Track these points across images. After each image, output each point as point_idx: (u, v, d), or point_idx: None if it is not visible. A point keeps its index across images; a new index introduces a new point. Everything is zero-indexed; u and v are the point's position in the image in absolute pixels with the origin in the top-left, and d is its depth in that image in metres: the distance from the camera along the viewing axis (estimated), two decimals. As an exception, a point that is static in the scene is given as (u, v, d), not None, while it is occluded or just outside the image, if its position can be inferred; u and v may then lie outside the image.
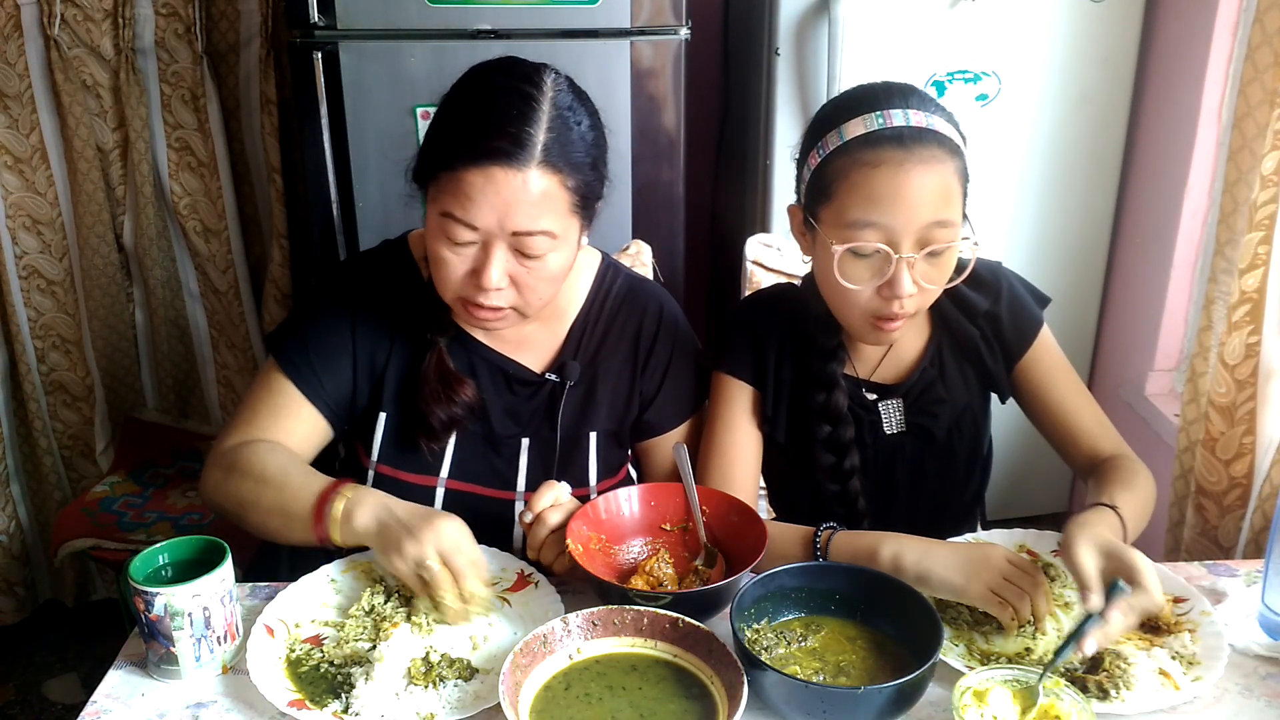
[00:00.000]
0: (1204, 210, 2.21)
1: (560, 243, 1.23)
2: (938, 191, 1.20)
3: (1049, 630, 1.16)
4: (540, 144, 1.18)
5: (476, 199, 1.18)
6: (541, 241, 1.21)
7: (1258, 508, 1.71)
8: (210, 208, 2.42)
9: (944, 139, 1.22)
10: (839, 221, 1.23)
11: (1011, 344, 1.40)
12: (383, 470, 1.38)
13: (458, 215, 1.19)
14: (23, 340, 2.35)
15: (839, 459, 1.36)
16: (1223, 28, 2.12)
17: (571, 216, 1.24)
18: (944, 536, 1.23)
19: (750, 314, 1.44)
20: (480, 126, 1.19)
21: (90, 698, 1.09)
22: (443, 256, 1.23)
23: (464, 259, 1.23)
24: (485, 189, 1.17)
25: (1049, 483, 2.73)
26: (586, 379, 1.40)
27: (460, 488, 1.38)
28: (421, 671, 1.09)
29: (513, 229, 1.19)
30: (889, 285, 1.22)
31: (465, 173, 1.18)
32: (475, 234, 1.20)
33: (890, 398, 1.40)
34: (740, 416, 1.39)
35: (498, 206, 1.18)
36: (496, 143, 1.17)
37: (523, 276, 1.24)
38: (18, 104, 2.22)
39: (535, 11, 2.00)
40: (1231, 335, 1.71)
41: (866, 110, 1.23)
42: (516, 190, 1.18)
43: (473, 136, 1.19)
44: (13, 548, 2.44)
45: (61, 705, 2.34)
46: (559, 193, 1.21)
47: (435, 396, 1.32)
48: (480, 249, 1.22)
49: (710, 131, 2.76)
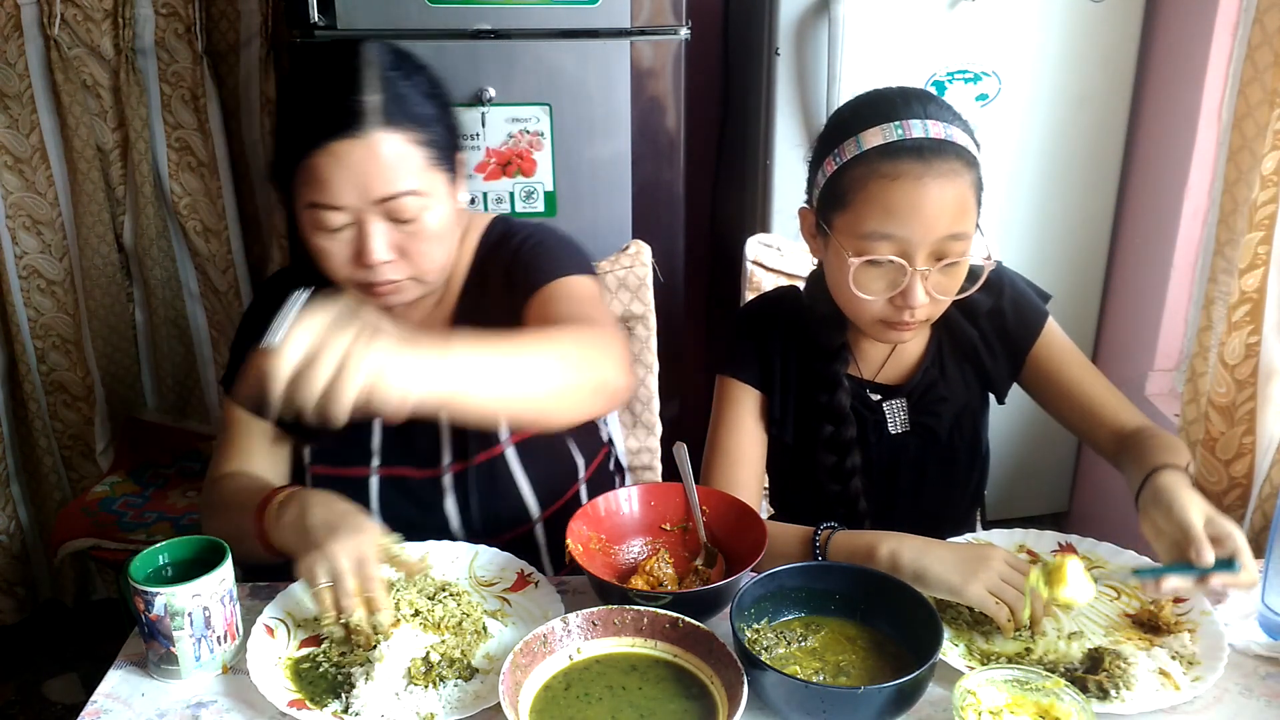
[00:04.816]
0: (1204, 210, 2.21)
1: (430, 199, 1.23)
2: (954, 205, 1.20)
3: (1048, 631, 1.17)
4: (375, 106, 1.18)
5: (331, 179, 1.18)
6: (411, 202, 1.21)
7: (1258, 508, 1.71)
8: (210, 208, 2.42)
9: (962, 150, 1.22)
10: (855, 231, 1.23)
11: (1018, 338, 1.41)
12: (317, 470, 1.39)
13: (321, 200, 1.20)
14: (23, 340, 2.35)
15: (840, 458, 1.37)
16: (1223, 28, 2.12)
17: (432, 171, 1.23)
18: (944, 537, 1.23)
19: (755, 318, 1.45)
20: (314, 109, 1.21)
21: (90, 698, 1.09)
22: (322, 248, 1.24)
23: (343, 243, 1.23)
24: (336, 167, 1.18)
25: (1049, 483, 2.73)
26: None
27: (392, 473, 1.39)
28: (421, 671, 1.09)
29: (375, 197, 1.20)
30: (902, 296, 1.23)
31: (313, 158, 1.19)
32: (344, 214, 1.21)
33: (894, 398, 1.40)
34: (745, 419, 1.40)
35: (353, 180, 1.19)
36: (332, 118, 1.18)
37: (405, 242, 1.23)
38: (18, 104, 2.22)
39: (535, 11, 2.00)
40: (1231, 335, 1.71)
41: (884, 119, 1.22)
42: (365, 159, 1.18)
43: (309, 120, 1.20)
44: (13, 548, 2.44)
45: (61, 705, 2.34)
46: (409, 149, 1.21)
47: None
48: (355, 230, 1.22)
49: (710, 131, 2.76)
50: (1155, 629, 1.17)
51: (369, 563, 1.09)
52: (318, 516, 1.14)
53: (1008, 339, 1.41)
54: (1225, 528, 1.11)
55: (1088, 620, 1.20)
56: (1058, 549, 1.32)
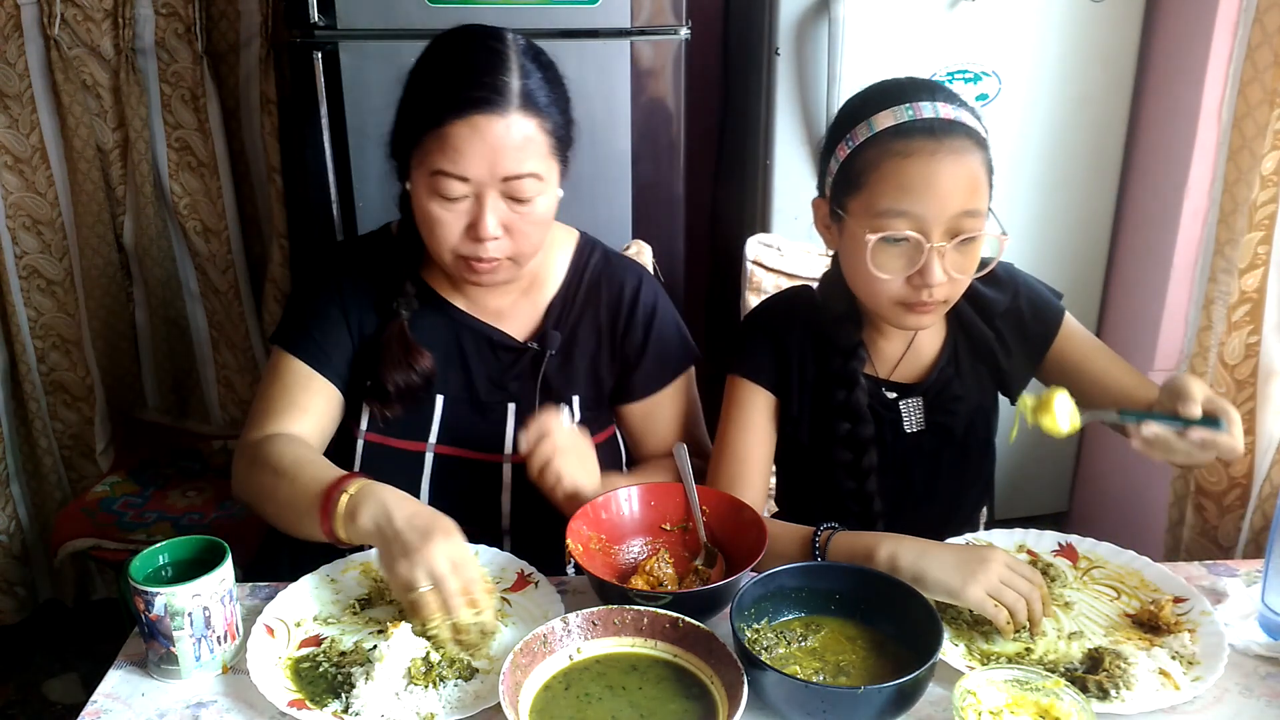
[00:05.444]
0: (1204, 210, 2.20)
1: (546, 185, 1.29)
2: (967, 181, 1.22)
3: (1048, 631, 1.17)
4: (516, 90, 1.25)
5: (465, 150, 1.23)
6: (530, 184, 1.26)
7: (1258, 508, 1.71)
8: (210, 208, 2.42)
9: (972, 131, 1.24)
10: (870, 211, 1.24)
11: (1036, 335, 1.41)
12: (371, 438, 1.40)
13: (449, 169, 1.24)
14: (23, 340, 2.35)
15: (857, 456, 1.36)
16: (1223, 28, 2.12)
17: (552, 159, 1.30)
18: (953, 533, 1.23)
19: (769, 318, 1.45)
20: (458, 81, 1.25)
21: (90, 698, 1.09)
22: (437, 216, 1.28)
23: (458, 214, 1.27)
24: (472, 138, 1.23)
25: (1049, 483, 2.73)
26: (566, 348, 1.44)
27: (449, 452, 1.41)
28: (421, 671, 1.09)
29: (503, 174, 1.25)
30: (920, 274, 1.23)
31: (451, 127, 1.23)
32: (467, 186, 1.25)
33: (910, 397, 1.40)
34: (755, 420, 1.40)
35: (486, 154, 1.23)
36: (477, 93, 1.23)
37: (515, 223, 1.28)
38: (18, 104, 2.22)
39: (535, 11, 2.00)
40: (1231, 335, 1.71)
41: (895, 102, 1.25)
42: (501, 136, 1.23)
43: (453, 91, 1.24)
44: (13, 548, 2.44)
45: (61, 705, 2.34)
46: (539, 135, 1.27)
47: (394, 363, 1.36)
48: (474, 201, 1.27)
49: (710, 131, 2.76)
50: (1155, 629, 1.17)
51: (469, 563, 1.11)
52: (403, 519, 1.12)
53: (1026, 338, 1.41)
54: (1223, 404, 1.14)
55: (1088, 620, 1.20)
56: (1058, 549, 1.32)
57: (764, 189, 2.40)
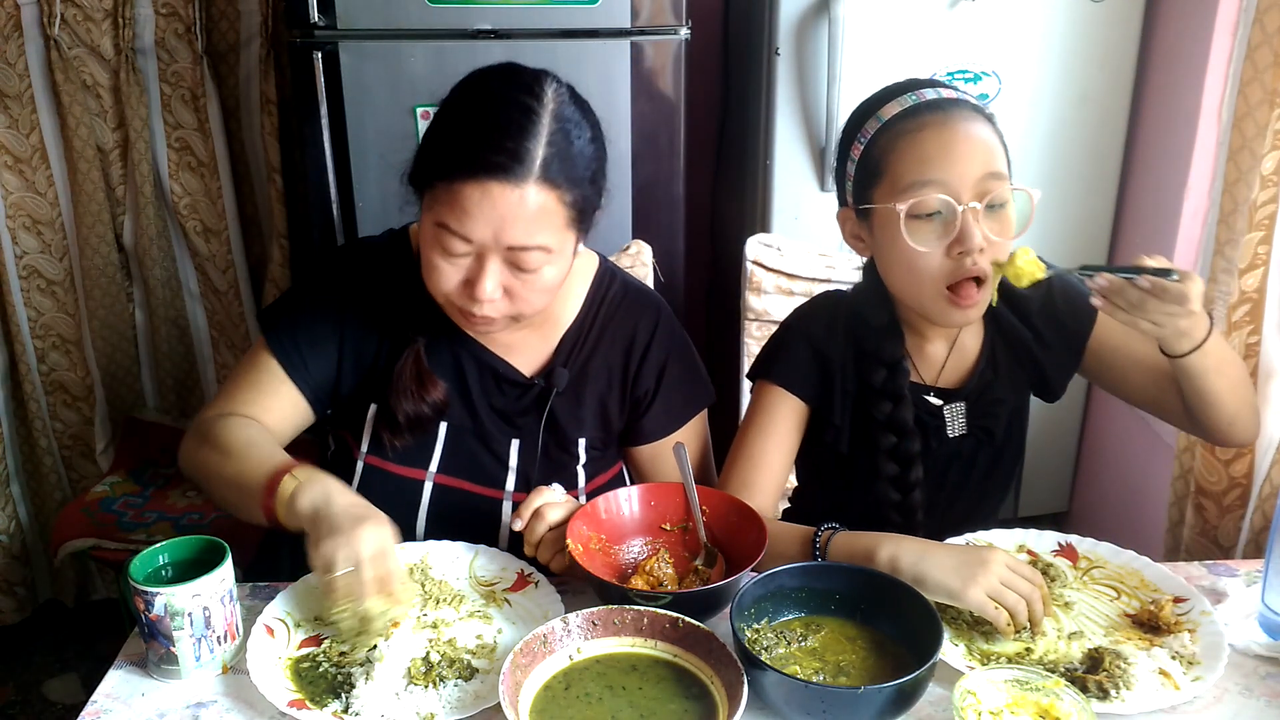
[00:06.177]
0: (1204, 210, 2.20)
1: (556, 256, 1.23)
2: (983, 145, 1.24)
3: (1048, 631, 1.17)
4: (539, 159, 1.17)
5: (472, 212, 1.17)
6: (536, 256, 1.20)
7: (1258, 508, 1.71)
8: (210, 208, 2.42)
9: (978, 106, 1.27)
10: (896, 189, 1.25)
11: (1074, 328, 1.40)
12: (371, 461, 1.38)
13: (453, 227, 1.18)
14: (23, 340, 2.35)
15: (904, 470, 1.35)
16: (1223, 28, 2.12)
17: (568, 230, 1.23)
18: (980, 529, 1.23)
19: (809, 325, 1.41)
20: (478, 139, 1.17)
21: (90, 698, 1.09)
22: (436, 264, 1.22)
23: (458, 268, 1.22)
24: (481, 203, 1.16)
25: (1049, 483, 2.73)
26: (576, 386, 1.40)
27: (449, 483, 1.38)
28: (421, 671, 1.09)
29: (508, 243, 1.19)
30: (959, 241, 1.22)
31: (462, 185, 1.17)
32: (469, 246, 1.19)
33: (953, 401, 1.39)
34: (779, 427, 1.38)
35: (493, 221, 1.17)
36: (495, 157, 1.16)
37: (517, 288, 1.23)
38: (18, 104, 2.22)
39: (535, 11, 2.00)
40: (1231, 335, 1.71)
41: (899, 95, 1.28)
42: (513, 206, 1.17)
43: (470, 149, 1.17)
44: (13, 548, 2.44)
45: (61, 705, 2.34)
46: (556, 208, 1.19)
47: (406, 393, 1.33)
48: (474, 260, 1.21)
49: (710, 131, 2.76)
50: (1155, 629, 1.17)
51: (390, 554, 1.09)
52: (340, 506, 1.12)
53: (1064, 331, 1.40)
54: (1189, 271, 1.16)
55: (1088, 620, 1.20)
56: (1058, 549, 1.32)
57: (764, 189, 2.40)
